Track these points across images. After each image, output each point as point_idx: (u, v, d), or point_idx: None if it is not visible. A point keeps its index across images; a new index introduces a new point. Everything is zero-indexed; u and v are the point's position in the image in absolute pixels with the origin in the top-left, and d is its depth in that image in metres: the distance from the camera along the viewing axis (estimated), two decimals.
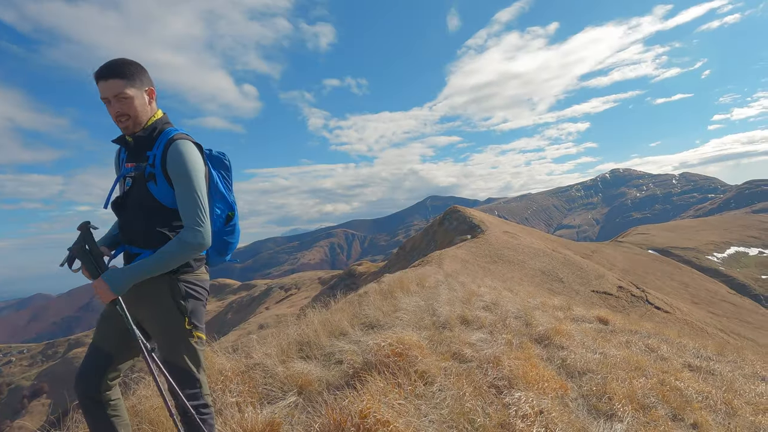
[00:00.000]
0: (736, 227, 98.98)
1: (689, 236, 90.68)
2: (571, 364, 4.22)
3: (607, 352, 4.82)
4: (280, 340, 4.06)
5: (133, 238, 2.31)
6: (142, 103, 2.26)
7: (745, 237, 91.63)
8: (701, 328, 34.15)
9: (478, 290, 8.26)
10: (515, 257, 36.27)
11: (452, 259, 28.90)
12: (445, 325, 4.99)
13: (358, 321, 5.02)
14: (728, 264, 78.72)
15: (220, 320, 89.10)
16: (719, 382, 4.61)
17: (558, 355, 4.47)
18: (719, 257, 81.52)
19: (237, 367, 3.31)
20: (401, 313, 5.29)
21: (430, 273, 12.02)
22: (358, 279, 65.62)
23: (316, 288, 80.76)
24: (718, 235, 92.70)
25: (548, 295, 10.50)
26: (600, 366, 4.23)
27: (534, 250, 39.73)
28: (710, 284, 65.43)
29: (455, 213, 53.35)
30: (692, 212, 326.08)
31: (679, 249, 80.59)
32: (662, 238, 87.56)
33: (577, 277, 35.76)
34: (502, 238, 41.93)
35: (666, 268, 68.71)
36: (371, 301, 5.81)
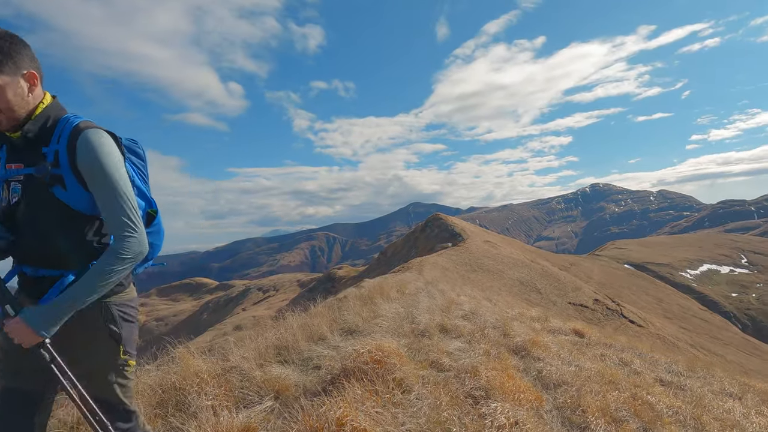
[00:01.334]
0: (709, 245, 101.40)
1: (664, 252, 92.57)
2: (546, 375, 4.27)
3: (582, 365, 4.89)
4: (258, 343, 4.02)
5: (35, 256, 1.82)
6: (17, 93, 1.74)
7: (717, 255, 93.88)
8: (673, 342, 34.84)
9: (457, 299, 8.31)
10: (495, 267, 36.56)
11: (432, 266, 29.01)
12: (425, 333, 5.01)
13: (338, 326, 5.00)
14: (700, 281, 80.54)
15: (196, 320, 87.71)
16: (689, 398, 4.72)
17: (534, 367, 4.52)
18: (692, 274, 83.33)
19: (213, 370, 3.26)
20: (381, 320, 5.29)
21: (410, 280, 12.05)
22: (338, 283, 65.36)
23: (294, 290, 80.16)
24: (692, 252, 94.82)
25: (526, 306, 10.62)
26: (575, 378, 4.29)
27: (513, 260, 40.10)
28: (683, 300, 66.84)
29: (437, 220, 53.64)
30: (668, 229, 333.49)
31: (654, 264, 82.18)
32: (638, 254, 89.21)
33: (554, 289, 36.21)
34: (483, 248, 42.25)
35: (641, 282, 70.01)
36: (351, 307, 5.80)
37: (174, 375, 3.03)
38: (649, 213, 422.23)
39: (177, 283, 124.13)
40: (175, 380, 2.96)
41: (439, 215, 55.70)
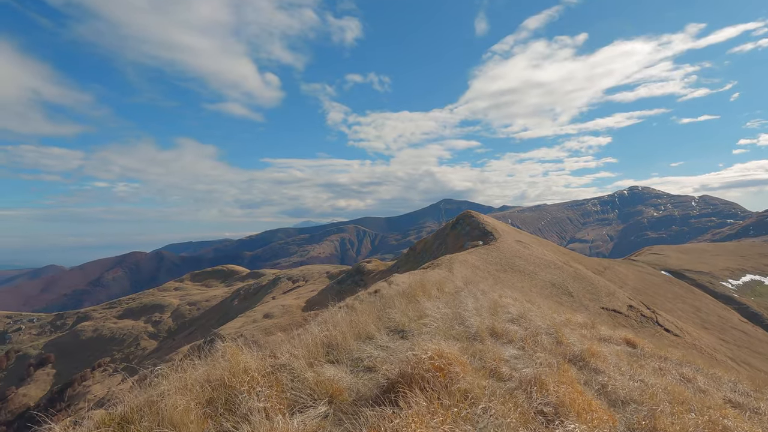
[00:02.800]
0: (753, 255, 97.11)
1: (704, 260, 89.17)
2: (611, 391, 3.95)
3: (645, 380, 4.53)
4: (307, 339, 3.83)
5: None
6: None
7: (762, 266, 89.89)
8: (711, 354, 33.44)
9: (501, 300, 7.99)
10: (526, 267, 35.85)
11: (462, 264, 28.60)
12: (476, 337, 4.74)
13: (384, 324, 4.79)
14: (743, 291, 77.24)
15: (227, 306, 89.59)
16: (766, 423, 4.30)
17: (596, 380, 4.20)
18: (734, 284, 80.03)
19: (262, 367, 3.09)
20: (428, 320, 5.05)
21: (446, 278, 11.77)
22: (367, 276, 65.51)
23: (323, 282, 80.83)
24: (735, 261, 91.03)
25: (568, 311, 10.18)
26: (642, 395, 3.95)
27: (545, 261, 39.26)
28: (722, 311, 64.28)
29: (468, 218, 52.98)
30: (709, 236, 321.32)
31: (693, 272, 79.32)
32: (676, 260, 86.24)
33: (587, 293, 35.24)
34: (514, 247, 41.52)
35: (678, 290, 67.66)
36: (396, 305, 5.58)
37: (222, 370, 2.86)
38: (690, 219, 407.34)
39: (210, 270, 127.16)
40: (224, 376, 2.79)
41: (471, 213, 55.06)
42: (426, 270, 26.14)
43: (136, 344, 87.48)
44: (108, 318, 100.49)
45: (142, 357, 79.79)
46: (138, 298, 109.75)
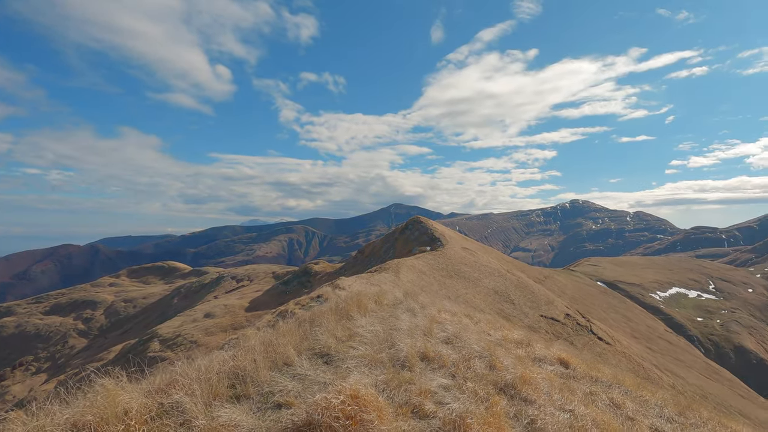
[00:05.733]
0: (679, 269, 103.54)
1: (636, 273, 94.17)
2: (541, 426, 3.76)
3: (575, 410, 4.39)
4: (210, 371, 3.36)
5: None
6: None
7: (686, 279, 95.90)
8: (638, 362, 35.14)
9: (438, 316, 7.78)
10: (471, 274, 36.33)
11: (409, 269, 28.56)
12: (405, 364, 4.44)
13: (307, 347, 4.40)
14: (669, 303, 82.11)
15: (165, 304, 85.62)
16: None
17: (526, 413, 4.00)
18: (661, 296, 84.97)
19: (148, 409, 2.62)
20: (357, 342, 4.71)
21: (388, 287, 11.50)
22: (314, 278, 64.55)
23: (269, 282, 78.99)
24: (663, 275, 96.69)
25: (506, 324, 10.16)
26: (571, 430, 3.79)
27: (490, 269, 39.96)
28: (650, 321, 68.05)
29: (418, 223, 53.27)
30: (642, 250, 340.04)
31: (625, 284, 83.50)
32: (611, 272, 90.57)
33: (528, 301, 36.15)
34: (461, 254, 42.03)
35: (612, 300, 71.02)
36: (324, 323, 5.20)
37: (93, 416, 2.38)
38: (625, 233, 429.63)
39: (149, 266, 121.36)
40: (93, 423, 2.31)
41: (420, 218, 55.43)
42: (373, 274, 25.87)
43: (63, 342, 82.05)
44: (33, 313, 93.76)
45: (69, 356, 74.90)
46: (68, 293, 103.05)
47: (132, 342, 54.48)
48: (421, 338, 5.54)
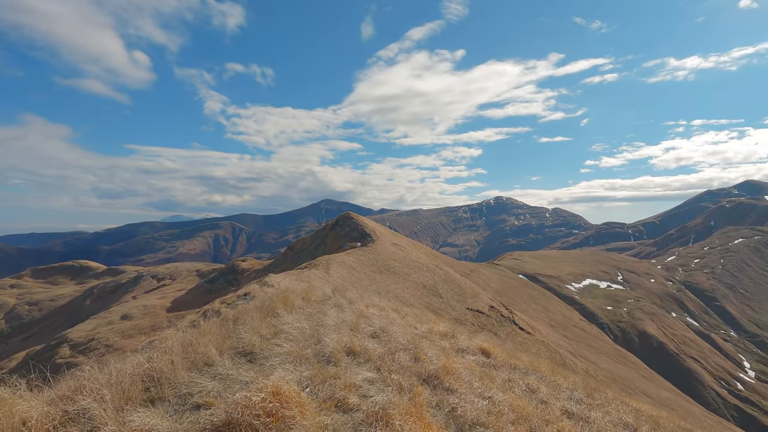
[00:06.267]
0: (592, 262, 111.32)
1: (554, 266, 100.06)
2: (460, 414, 3.93)
3: (494, 397, 4.63)
4: (122, 374, 3.17)
5: None
6: None
7: (598, 271, 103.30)
8: (555, 350, 37.46)
9: (366, 311, 7.85)
10: (401, 269, 36.92)
11: (340, 264, 28.52)
12: (330, 359, 4.45)
13: (230, 346, 4.28)
14: (583, 294, 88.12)
15: (77, 306, 79.47)
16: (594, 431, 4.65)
17: (447, 402, 4.16)
18: (576, 287, 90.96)
19: (50, 417, 2.43)
20: (282, 339, 4.65)
21: (318, 284, 11.44)
22: (241, 276, 62.67)
23: (193, 280, 75.71)
24: (577, 267, 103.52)
25: (434, 318, 10.46)
26: (489, 416, 3.99)
27: (419, 264, 40.79)
28: (566, 310, 72.72)
29: (348, 219, 53.27)
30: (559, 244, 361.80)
31: (544, 276, 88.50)
32: (532, 265, 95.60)
33: (455, 294, 37.36)
34: (391, 250, 42.55)
35: (532, 292, 75.04)
36: (248, 321, 5.08)
37: None
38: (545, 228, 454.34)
39: (57, 265, 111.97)
40: None
41: (351, 214, 55.47)
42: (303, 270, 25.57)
43: None
44: None
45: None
46: None
47: (38, 348, 50.18)
48: (347, 333, 5.58)
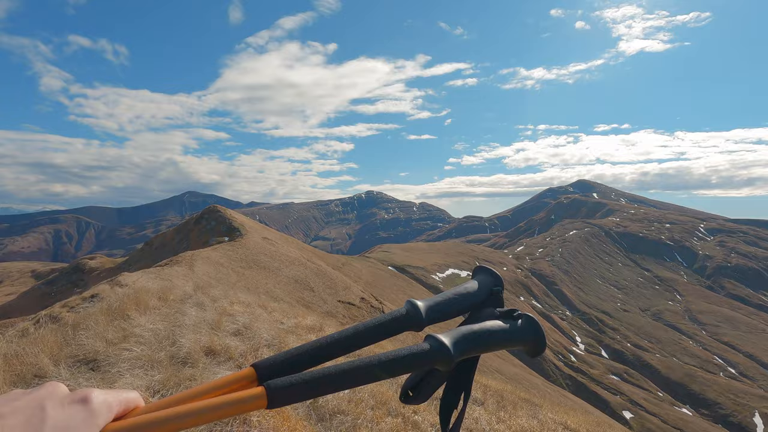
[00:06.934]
0: (454, 253, 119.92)
1: (421, 257, 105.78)
2: (322, 404, 4.02)
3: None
4: None
5: None
6: None
7: (459, 261, 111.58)
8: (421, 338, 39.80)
9: (230, 308, 7.59)
10: (271, 264, 36.18)
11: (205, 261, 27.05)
12: (187, 360, 4.23)
13: (69, 354, 3.84)
14: (446, 283, 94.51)
15: None
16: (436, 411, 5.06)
17: None
18: (440, 277, 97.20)
19: None
20: (133, 343, 4.30)
21: (179, 282, 10.73)
22: (88, 276, 56.05)
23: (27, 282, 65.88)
24: (441, 258, 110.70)
25: (302, 312, 10.44)
26: (350, 404, 4.14)
27: (290, 258, 40.31)
28: None
29: (215, 213, 50.61)
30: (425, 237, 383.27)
31: (412, 267, 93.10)
32: (400, 257, 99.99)
33: (326, 287, 37.65)
34: (261, 244, 41.40)
35: (401, 283, 78.56)
36: (92, 326, 4.60)
37: None
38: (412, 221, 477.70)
39: None
40: None
41: (218, 207, 52.81)
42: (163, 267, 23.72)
43: None
44: None
45: None
46: None
47: None
48: (207, 332, 5.35)
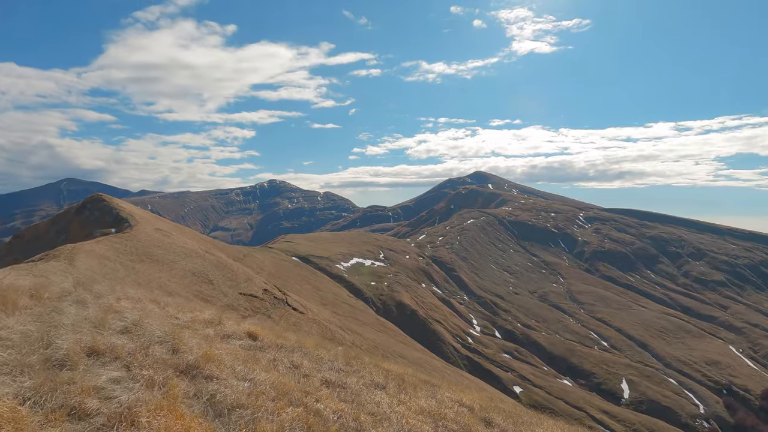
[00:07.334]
0: (358, 242, 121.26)
1: (325, 247, 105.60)
2: (220, 399, 3.87)
3: (256, 377, 4.69)
4: None
5: None
6: None
7: (363, 251, 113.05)
8: (326, 326, 39.94)
9: (117, 305, 6.99)
10: (166, 257, 34.19)
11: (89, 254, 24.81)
12: (65, 363, 3.82)
13: None
14: (350, 272, 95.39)
15: None
16: (349, 396, 5.13)
17: (207, 389, 4.03)
18: (345, 266, 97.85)
19: None
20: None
21: (56, 278, 9.69)
22: None
23: None
24: (346, 247, 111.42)
25: (199, 306, 9.95)
26: (249, 398, 4.03)
27: (187, 250, 38.32)
28: (336, 288, 77.82)
29: (99, 202, 46.44)
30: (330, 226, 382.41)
31: (316, 257, 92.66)
32: (305, 247, 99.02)
33: (227, 280, 36.35)
34: (154, 236, 38.85)
35: (305, 273, 77.96)
36: None
37: None
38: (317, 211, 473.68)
39: None
40: None
41: (103, 196, 48.49)
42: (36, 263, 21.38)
43: None
44: None
45: None
46: None
47: None
48: (90, 332, 4.87)
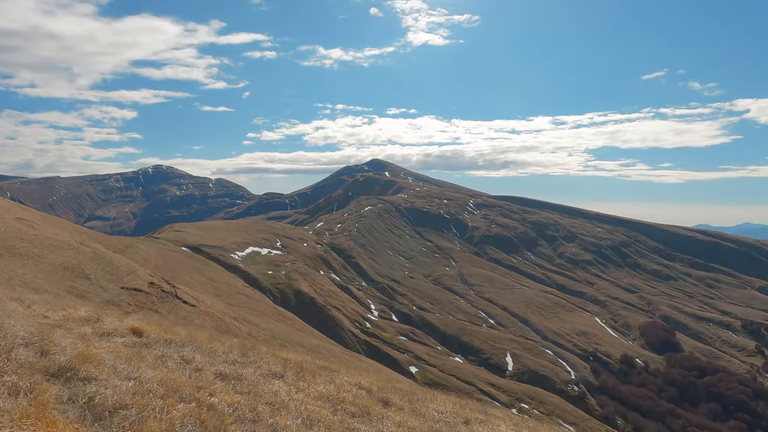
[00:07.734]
0: (254, 230, 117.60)
1: (218, 236, 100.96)
2: (100, 402, 3.53)
3: (142, 376, 4.36)
4: None
5: None
6: None
7: (260, 239, 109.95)
8: (221, 318, 38.42)
9: None
10: (31, 250, 30.64)
11: None
12: None
13: None
14: (246, 261, 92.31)
15: None
16: (245, 388, 4.98)
17: (84, 392, 3.66)
18: (240, 255, 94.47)
19: None
20: None
21: None
22: None
23: None
24: (241, 236, 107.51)
25: (74, 304, 9.00)
26: (135, 397, 3.74)
27: (57, 242, 34.60)
28: (231, 279, 74.96)
29: None
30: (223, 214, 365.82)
31: (209, 247, 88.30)
32: (195, 236, 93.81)
33: (106, 274, 33.50)
34: (15, 227, 34.54)
35: (196, 264, 74.02)
36: None
37: None
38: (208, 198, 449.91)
39: None
40: None
41: None
42: None
43: None
44: None
45: None
46: None
47: None
48: None
